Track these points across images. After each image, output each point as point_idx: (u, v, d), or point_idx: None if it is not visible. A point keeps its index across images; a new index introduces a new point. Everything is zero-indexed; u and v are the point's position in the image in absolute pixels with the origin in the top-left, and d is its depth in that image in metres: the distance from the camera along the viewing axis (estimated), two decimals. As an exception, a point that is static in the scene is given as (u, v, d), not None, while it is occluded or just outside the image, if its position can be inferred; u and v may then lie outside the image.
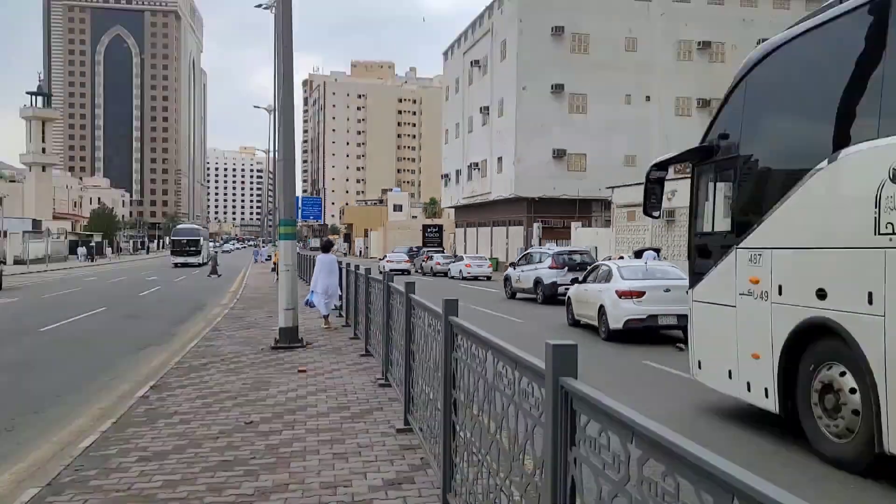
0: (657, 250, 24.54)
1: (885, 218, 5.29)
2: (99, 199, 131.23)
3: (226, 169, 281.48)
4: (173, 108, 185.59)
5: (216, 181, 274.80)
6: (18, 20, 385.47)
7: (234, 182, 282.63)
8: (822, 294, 5.97)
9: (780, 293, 6.53)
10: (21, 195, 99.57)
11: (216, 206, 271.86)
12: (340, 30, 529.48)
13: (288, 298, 11.97)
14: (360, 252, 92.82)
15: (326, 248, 16.15)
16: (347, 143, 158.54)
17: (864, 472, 5.73)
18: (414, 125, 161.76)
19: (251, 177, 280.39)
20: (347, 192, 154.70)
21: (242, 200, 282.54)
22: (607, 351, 12.84)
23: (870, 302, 5.41)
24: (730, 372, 7.32)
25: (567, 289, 18.27)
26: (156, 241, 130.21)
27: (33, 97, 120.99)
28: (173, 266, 54.08)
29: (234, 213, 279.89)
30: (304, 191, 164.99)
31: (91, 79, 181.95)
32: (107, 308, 20.81)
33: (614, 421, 2.08)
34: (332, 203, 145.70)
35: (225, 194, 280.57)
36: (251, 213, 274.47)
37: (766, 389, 6.73)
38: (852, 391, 5.79)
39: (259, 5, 41.68)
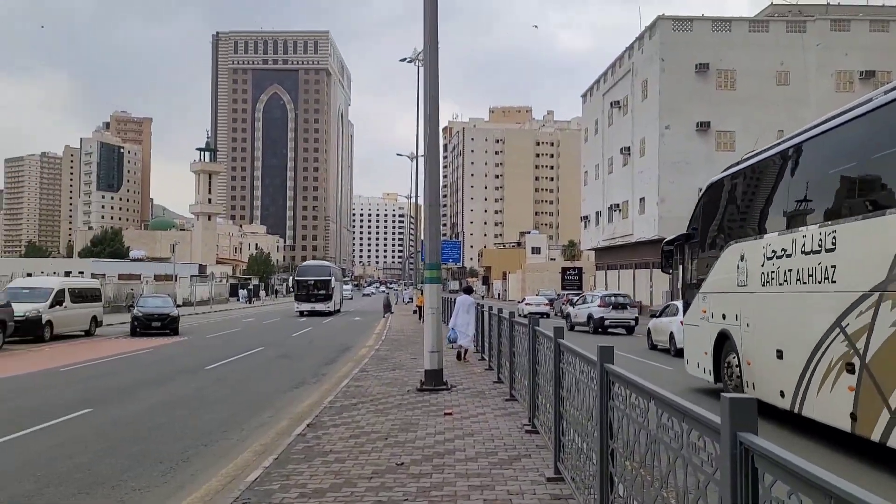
0: None
1: (740, 277, 10.64)
2: (256, 244, 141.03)
3: (369, 214, 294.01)
4: (323, 159, 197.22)
5: (360, 226, 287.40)
6: (191, 85, 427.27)
7: (377, 227, 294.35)
8: (724, 317, 11.40)
9: (711, 317, 11.99)
10: (190, 242, 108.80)
11: (360, 251, 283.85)
12: (476, 75, 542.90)
13: (433, 341, 12.18)
14: (499, 295, 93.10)
15: (468, 290, 18.96)
16: (486, 187, 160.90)
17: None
18: (552, 167, 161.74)
19: (393, 221, 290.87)
20: (486, 234, 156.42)
21: (385, 244, 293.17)
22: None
23: (737, 319, 10.84)
24: (697, 364, 12.86)
25: (611, 321, 28.85)
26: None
27: (201, 153, 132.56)
28: (298, 315, 44.37)
29: (376, 256, 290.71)
30: (444, 234, 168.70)
31: (251, 134, 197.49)
32: (263, 348, 22.13)
33: (808, 484, 1.93)
34: (471, 246, 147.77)
35: (368, 239, 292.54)
36: (393, 257, 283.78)
37: (709, 371, 12.11)
38: (737, 366, 10.86)
39: (403, 59, 43.77)
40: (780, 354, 9.36)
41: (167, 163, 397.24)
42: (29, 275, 39.39)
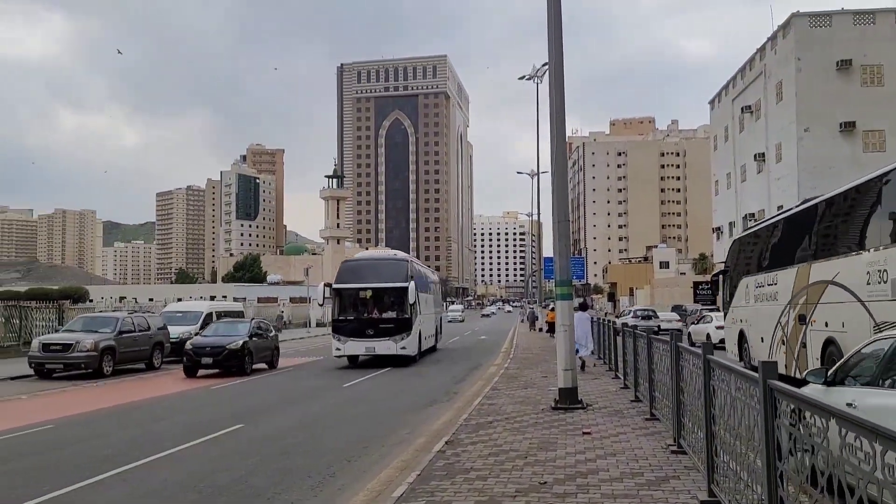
0: None
1: (746, 297, 17.60)
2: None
3: (490, 233, 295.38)
4: (443, 180, 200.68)
5: (482, 246, 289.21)
6: (319, 116, 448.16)
7: (497, 246, 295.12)
8: (741, 321, 18.11)
9: (734, 322, 18.97)
10: (321, 265, 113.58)
11: (482, 270, 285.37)
12: (594, 88, 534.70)
13: (567, 359, 11.98)
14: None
15: (583, 307, 21.08)
16: (608, 202, 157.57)
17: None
18: (678, 178, 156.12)
19: (514, 240, 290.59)
20: (609, 250, 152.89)
21: (506, 263, 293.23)
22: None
23: (745, 322, 17.71)
24: (731, 351, 19.20)
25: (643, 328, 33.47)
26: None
27: (329, 179, 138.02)
28: (336, 356, 23.67)
29: (498, 275, 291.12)
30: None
31: (374, 159, 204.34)
32: (392, 368, 22.60)
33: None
34: (594, 262, 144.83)
35: (490, 258, 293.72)
36: (514, 275, 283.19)
37: (735, 354, 18.47)
38: (747, 349, 17.57)
39: (522, 77, 43.85)
40: (762, 339, 16.01)
41: (298, 190, 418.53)
42: (179, 299, 42.49)
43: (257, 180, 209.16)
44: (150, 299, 53.19)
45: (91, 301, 44.54)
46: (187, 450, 9.72)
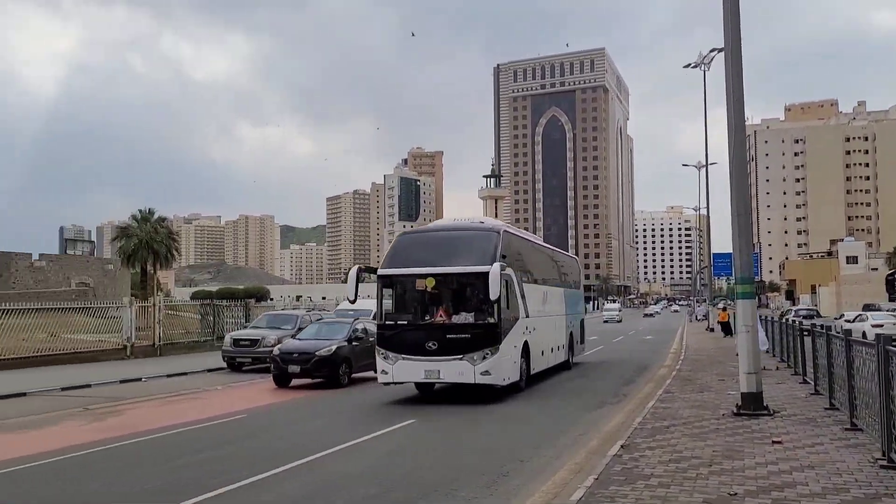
0: None
1: None
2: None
3: (653, 229, 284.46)
4: (602, 176, 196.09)
5: (644, 242, 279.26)
6: (475, 117, 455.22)
7: (661, 242, 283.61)
8: None
9: None
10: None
11: (645, 268, 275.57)
12: (765, 73, 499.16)
13: (750, 362, 11.17)
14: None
15: None
16: (784, 193, 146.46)
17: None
18: (866, 165, 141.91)
19: (678, 236, 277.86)
20: (786, 245, 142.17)
21: (671, 260, 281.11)
22: None
23: None
24: None
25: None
26: (591, 303, 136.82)
27: (487, 179, 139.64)
28: (382, 382, 14.93)
29: (661, 273, 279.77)
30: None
31: (531, 157, 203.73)
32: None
33: None
34: (769, 258, 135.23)
35: (653, 255, 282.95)
36: (680, 273, 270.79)
37: None
38: None
39: (688, 65, 41.77)
40: None
41: (457, 191, 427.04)
42: (350, 298, 44.64)
43: (418, 182, 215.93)
44: (323, 297, 56.46)
45: (272, 300, 48.07)
46: (363, 443, 10.11)
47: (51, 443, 10.53)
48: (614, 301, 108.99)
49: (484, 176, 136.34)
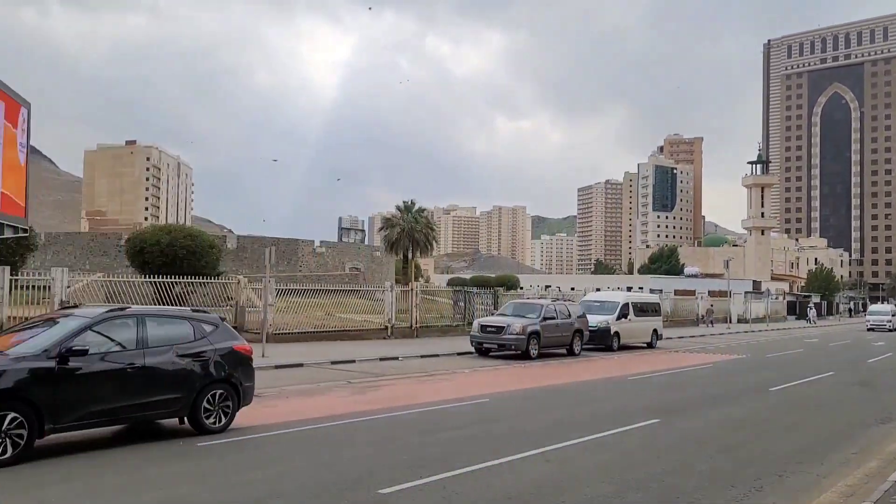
0: None
1: None
2: (816, 259, 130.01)
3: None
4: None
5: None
6: (739, 100, 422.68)
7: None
8: None
9: None
10: (742, 258, 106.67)
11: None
12: None
13: None
14: None
15: None
16: None
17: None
18: None
19: None
20: None
21: None
22: None
23: None
24: None
25: None
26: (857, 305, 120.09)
27: (753, 166, 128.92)
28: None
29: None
30: None
31: (807, 140, 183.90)
32: (833, 373, 19.83)
33: None
34: None
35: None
36: None
37: None
38: None
39: None
40: None
41: (717, 180, 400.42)
42: (597, 289, 44.04)
43: (674, 171, 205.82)
44: (572, 288, 56.38)
45: (521, 288, 49.05)
46: (603, 439, 9.81)
47: (320, 410, 11.74)
48: (888, 302, 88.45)
49: (749, 162, 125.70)
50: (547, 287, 59.82)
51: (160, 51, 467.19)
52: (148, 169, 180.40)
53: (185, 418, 9.50)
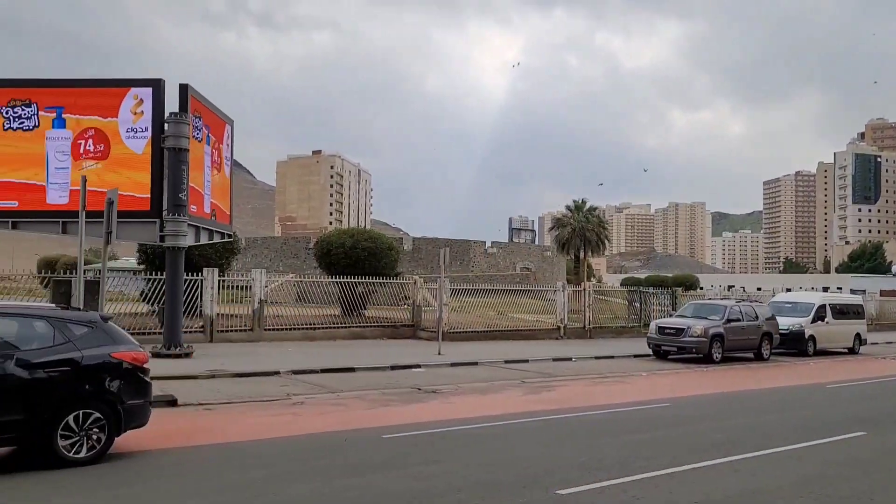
0: None
1: None
2: None
3: None
4: None
5: None
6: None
7: None
8: None
9: None
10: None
11: None
12: None
13: None
14: None
15: None
16: None
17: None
18: None
19: None
20: None
21: None
22: None
23: None
24: None
25: None
26: None
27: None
28: None
29: None
30: None
31: None
32: None
33: None
34: None
35: None
36: None
37: None
38: None
39: None
40: None
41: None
42: (788, 290, 40.82)
43: (878, 159, 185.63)
44: (758, 289, 52.65)
45: (701, 288, 46.62)
46: (799, 450, 9.07)
47: (494, 408, 11.91)
48: None
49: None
50: (730, 287, 56.39)
51: (340, 63, 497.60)
52: (332, 176, 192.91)
53: (36, 446, 7.34)
